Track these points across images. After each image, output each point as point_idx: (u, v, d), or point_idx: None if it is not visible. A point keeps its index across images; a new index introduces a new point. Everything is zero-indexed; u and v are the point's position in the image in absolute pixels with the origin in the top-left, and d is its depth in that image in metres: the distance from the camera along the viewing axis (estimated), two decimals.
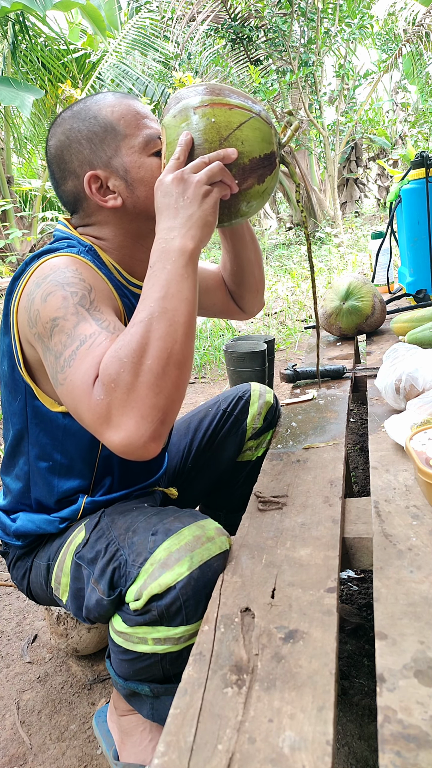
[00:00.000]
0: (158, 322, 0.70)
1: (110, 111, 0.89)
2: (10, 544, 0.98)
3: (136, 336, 0.69)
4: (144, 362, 0.68)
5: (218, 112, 0.80)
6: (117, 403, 0.67)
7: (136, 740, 0.92)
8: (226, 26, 7.91)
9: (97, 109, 0.89)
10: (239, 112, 0.81)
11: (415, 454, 0.77)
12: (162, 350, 0.69)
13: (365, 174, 12.36)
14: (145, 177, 0.89)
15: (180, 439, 1.24)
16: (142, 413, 0.67)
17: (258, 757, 0.48)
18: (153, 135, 0.90)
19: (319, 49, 7.61)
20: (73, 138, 0.88)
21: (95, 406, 0.68)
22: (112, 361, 0.68)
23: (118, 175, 0.88)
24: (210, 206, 0.77)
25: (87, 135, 0.88)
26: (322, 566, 0.72)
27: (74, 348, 0.73)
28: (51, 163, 0.92)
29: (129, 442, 0.67)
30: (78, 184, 0.90)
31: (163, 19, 7.64)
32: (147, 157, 0.89)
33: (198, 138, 0.79)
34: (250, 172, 0.82)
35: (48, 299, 0.77)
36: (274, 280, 6.01)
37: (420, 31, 8.68)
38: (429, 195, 2.03)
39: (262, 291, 1.18)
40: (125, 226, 0.92)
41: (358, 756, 0.91)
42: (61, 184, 0.92)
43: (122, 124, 0.88)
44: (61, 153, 0.90)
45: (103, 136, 0.88)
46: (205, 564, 0.73)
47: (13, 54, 6.35)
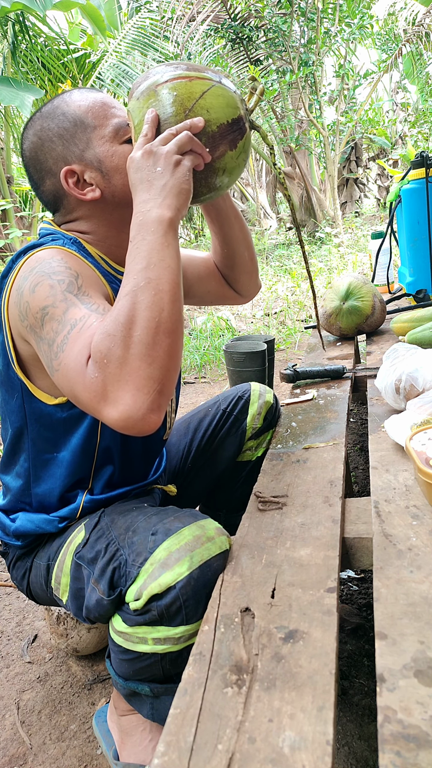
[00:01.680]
0: (143, 293, 0.69)
1: (77, 106, 0.90)
2: (10, 544, 0.98)
3: (123, 309, 0.69)
4: (133, 334, 0.67)
5: (179, 85, 0.80)
6: (111, 378, 0.67)
7: (136, 740, 0.92)
8: (226, 26, 7.91)
9: (65, 107, 0.90)
10: (200, 82, 0.81)
11: (415, 454, 0.77)
12: (150, 320, 0.68)
13: (365, 174, 12.36)
14: (119, 164, 0.90)
15: (180, 439, 1.24)
16: (137, 385, 0.67)
17: (258, 757, 0.48)
18: (122, 123, 0.91)
19: (319, 49, 7.61)
20: (44, 137, 0.90)
21: (90, 384, 0.68)
22: (102, 338, 0.68)
23: (93, 167, 0.90)
24: (183, 174, 0.76)
25: (58, 132, 0.89)
26: (322, 566, 0.72)
27: (66, 333, 0.73)
28: (27, 167, 0.94)
29: (128, 415, 0.67)
30: (56, 182, 0.91)
31: (163, 19, 7.64)
32: (119, 145, 0.90)
33: (163, 114, 0.80)
34: (220, 139, 0.81)
35: (36, 290, 0.78)
36: (274, 280, 6.01)
37: (420, 31, 8.67)
38: (429, 195, 2.03)
39: (256, 271, 1.17)
40: (107, 217, 0.93)
41: (358, 756, 0.91)
42: (40, 185, 0.93)
43: (90, 116, 0.90)
44: (36, 154, 0.91)
45: (74, 131, 0.89)
46: (205, 564, 0.73)
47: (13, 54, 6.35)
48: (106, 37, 7.66)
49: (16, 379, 0.88)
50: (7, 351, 0.88)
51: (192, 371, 3.51)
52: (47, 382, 0.88)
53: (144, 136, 0.78)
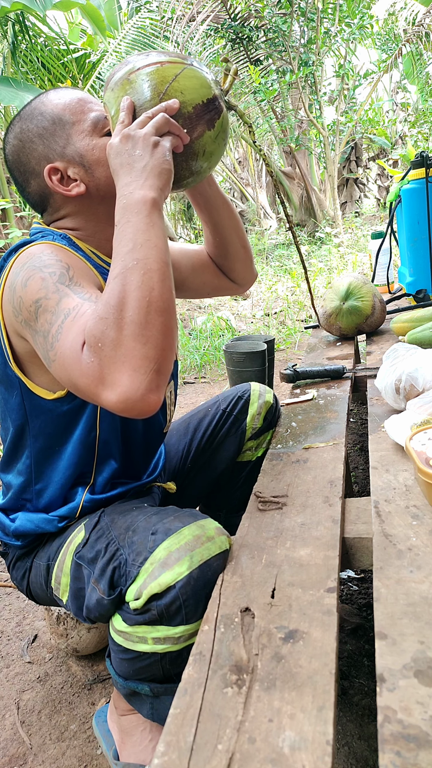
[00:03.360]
0: (132, 273, 0.69)
1: (54, 105, 0.91)
2: (10, 544, 0.98)
3: (113, 291, 0.69)
4: (125, 315, 0.68)
5: (152, 72, 0.81)
6: (107, 360, 0.67)
7: (136, 740, 0.92)
8: (226, 26, 7.91)
9: (43, 106, 0.91)
10: (171, 66, 0.81)
11: (415, 454, 0.77)
12: (141, 299, 0.68)
13: (365, 174, 12.36)
14: (101, 157, 0.90)
15: (179, 439, 1.24)
16: (133, 366, 0.67)
17: (258, 757, 0.48)
18: (99, 116, 0.91)
19: (319, 49, 7.61)
20: (25, 139, 0.91)
21: (86, 368, 0.68)
22: (95, 322, 0.68)
23: (76, 162, 0.90)
24: (162, 154, 0.77)
25: (37, 132, 0.90)
26: (322, 566, 0.72)
27: (60, 323, 0.73)
28: (12, 170, 0.94)
29: (127, 397, 0.66)
30: (40, 181, 0.91)
31: (163, 19, 7.63)
32: (99, 138, 0.90)
33: (138, 100, 0.80)
34: (197, 120, 0.82)
35: (28, 283, 0.78)
36: (275, 280, 6.01)
37: (420, 31, 8.67)
38: (429, 195, 2.03)
39: (251, 259, 1.17)
40: (94, 211, 0.94)
41: (358, 756, 0.91)
42: (25, 187, 0.94)
43: (68, 113, 0.90)
44: (18, 157, 0.92)
45: (53, 128, 0.90)
46: (205, 563, 0.73)
47: (13, 54, 6.35)
48: (106, 37, 7.66)
49: (14, 376, 0.89)
50: (3, 349, 0.88)
51: (192, 371, 3.51)
52: (45, 377, 0.88)
53: (121, 123, 0.79)
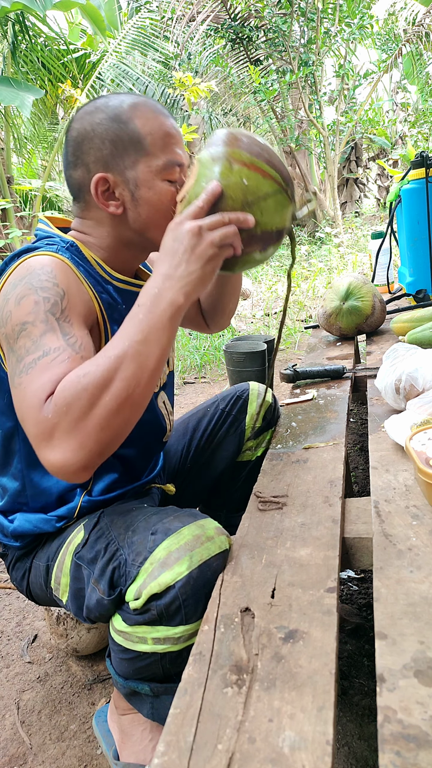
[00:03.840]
0: (129, 363, 0.71)
1: (142, 123, 0.87)
2: (9, 545, 0.98)
3: (103, 369, 0.69)
4: (102, 397, 0.69)
5: (253, 175, 0.80)
6: (63, 426, 0.68)
7: (136, 740, 0.92)
8: (226, 26, 7.91)
9: (131, 116, 0.87)
10: (270, 182, 0.81)
11: (415, 454, 0.77)
12: (123, 390, 0.70)
13: (365, 174, 12.36)
14: (152, 199, 0.89)
15: (179, 439, 1.24)
16: (83, 443, 0.68)
17: (258, 757, 0.48)
18: (174, 162, 0.89)
19: (319, 49, 7.61)
20: (98, 133, 0.87)
21: (42, 422, 0.69)
22: (72, 386, 0.68)
23: (127, 187, 0.88)
24: (211, 269, 0.78)
25: (112, 137, 0.87)
26: (322, 566, 0.72)
27: (36, 357, 0.73)
28: (68, 144, 0.91)
29: (63, 465, 0.68)
30: (86, 177, 0.89)
31: (163, 19, 7.63)
32: (160, 181, 0.89)
33: (225, 192, 0.79)
34: (257, 241, 0.83)
35: (21, 302, 0.78)
36: (275, 280, 6.01)
37: (420, 31, 8.68)
38: (429, 195, 2.03)
39: (233, 313, 1.22)
40: (119, 233, 0.92)
41: (358, 756, 0.91)
42: (70, 167, 0.91)
43: (149, 140, 0.87)
44: (82, 141, 0.88)
45: (128, 145, 0.87)
46: (205, 563, 0.73)
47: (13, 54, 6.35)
48: (106, 37, 7.66)
49: (5, 378, 0.88)
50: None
51: (192, 371, 3.51)
52: None
53: (199, 207, 0.78)
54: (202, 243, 0.76)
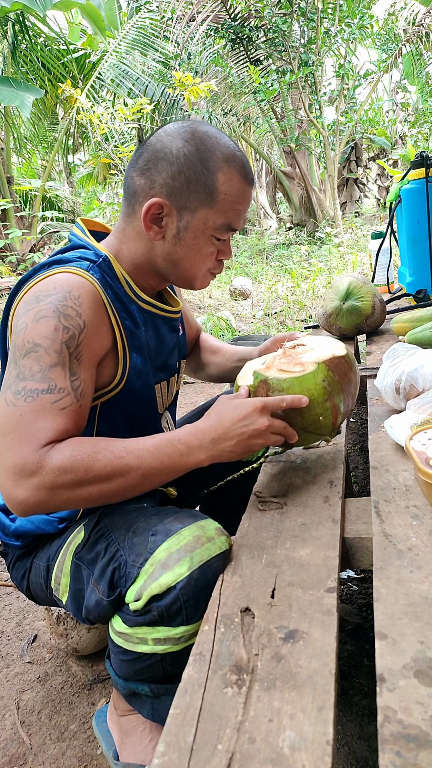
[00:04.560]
0: (134, 477, 0.76)
1: (225, 178, 0.87)
2: (9, 544, 0.98)
3: (112, 468, 0.74)
4: (93, 486, 0.73)
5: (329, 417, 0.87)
6: (46, 482, 0.71)
7: (136, 740, 0.92)
8: (226, 26, 7.91)
9: (219, 165, 0.86)
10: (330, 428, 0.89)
11: (415, 454, 0.77)
12: (112, 491, 0.75)
13: (365, 174, 12.36)
14: (193, 246, 0.90)
15: None
16: (47, 502, 0.72)
17: (258, 757, 0.48)
18: (231, 227, 0.90)
19: (319, 49, 7.61)
20: (181, 163, 0.86)
21: (30, 462, 0.71)
22: (79, 459, 0.72)
23: (177, 224, 0.88)
24: (244, 454, 0.83)
25: (191, 176, 0.86)
26: (322, 566, 0.72)
27: (39, 388, 0.75)
28: (146, 149, 0.89)
29: (19, 503, 0.72)
30: (146, 192, 0.88)
31: (163, 19, 7.63)
32: (209, 236, 0.89)
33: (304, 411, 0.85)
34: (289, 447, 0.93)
35: (40, 321, 0.78)
36: (275, 280, 6.01)
37: (420, 31, 8.68)
38: (429, 195, 2.03)
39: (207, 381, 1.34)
40: (152, 256, 0.92)
41: (358, 756, 0.91)
42: (137, 171, 0.89)
43: (222, 198, 0.87)
44: (161, 158, 0.87)
45: (200, 190, 0.86)
46: (205, 564, 0.73)
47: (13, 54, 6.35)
48: (106, 37, 7.66)
49: None
50: (6, 349, 0.88)
51: None
52: None
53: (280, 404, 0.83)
54: (257, 439, 0.82)
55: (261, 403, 0.82)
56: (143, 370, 0.94)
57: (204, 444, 0.80)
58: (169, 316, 1.02)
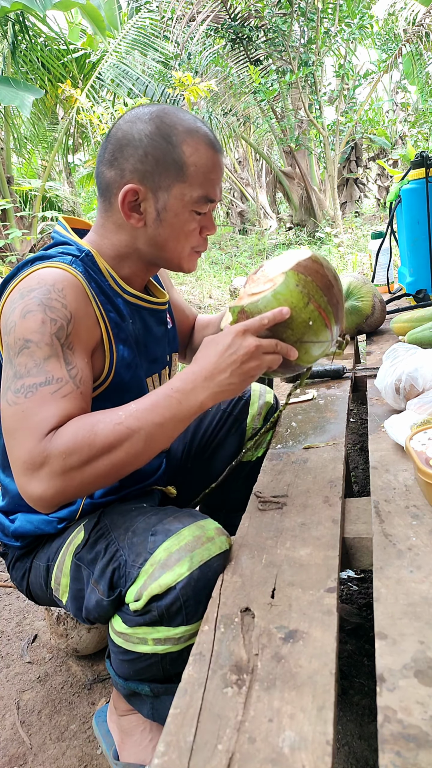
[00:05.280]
0: (138, 440, 0.74)
1: (191, 150, 0.86)
2: (9, 544, 0.98)
3: (114, 436, 0.72)
4: (101, 459, 0.72)
5: (319, 321, 0.84)
6: (55, 468, 0.70)
7: (136, 740, 0.92)
8: (226, 26, 7.91)
9: (182, 140, 0.86)
10: (328, 333, 0.86)
11: (415, 454, 0.77)
12: (122, 460, 0.74)
13: (365, 174, 12.36)
14: (175, 225, 0.89)
15: (179, 439, 1.24)
16: (65, 488, 0.71)
17: (258, 757, 0.48)
18: (208, 198, 0.89)
19: (319, 49, 7.61)
20: (144, 144, 0.85)
21: (37, 453, 0.71)
22: (80, 436, 0.71)
23: (155, 206, 0.87)
24: (245, 384, 0.81)
25: (157, 155, 0.85)
26: (322, 566, 0.72)
27: (38, 382, 0.75)
28: (109, 141, 0.89)
29: (39, 499, 0.72)
30: (118, 182, 0.87)
31: (163, 19, 7.63)
32: (188, 211, 0.88)
33: (290, 322, 0.82)
34: (285, 368, 0.88)
35: (27, 317, 0.77)
36: None
37: (420, 31, 8.67)
38: (429, 195, 2.03)
39: None
40: (136, 245, 0.92)
41: (358, 756, 0.91)
42: (105, 165, 0.89)
43: (192, 170, 0.86)
44: (125, 145, 0.86)
45: (170, 166, 0.86)
46: (205, 564, 0.73)
47: (13, 54, 6.35)
48: (106, 37, 7.66)
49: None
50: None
51: None
52: None
53: (262, 323, 0.80)
54: (251, 362, 0.79)
55: (241, 326, 0.80)
56: (132, 362, 0.93)
57: (198, 385, 0.78)
58: (156, 308, 1.01)
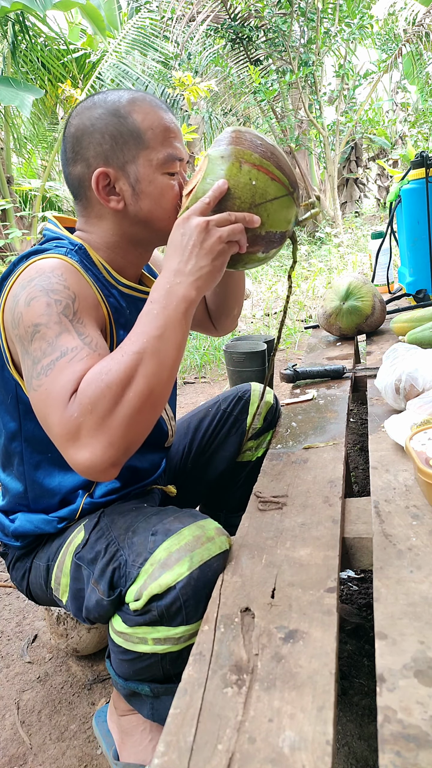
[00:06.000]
0: (149, 360, 0.72)
1: (142, 117, 0.87)
2: (9, 544, 0.98)
3: (125, 366, 0.70)
4: (126, 394, 0.70)
5: (261, 177, 0.81)
6: (89, 425, 0.69)
7: (136, 740, 0.92)
8: (226, 26, 7.91)
9: (130, 110, 0.87)
10: (278, 185, 0.82)
11: (415, 454, 0.77)
12: (146, 387, 0.71)
13: (365, 174, 12.36)
14: (153, 193, 0.88)
15: (180, 439, 1.24)
16: (110, 441, 0.69)
17: (258, 757, 0.48)
18: (174, 156, 0.89)
19: (319, 49, 7.61)
20: (98, 128, 0.87)
21: (67, 421, 0.69)
22: (95, 383, 0.69)
23: (128, 181, 0.88)
24: (220, 263, 0.79)
25: (112, 131, 0.86)
26: (322, 566, 0.72)
27: (54, 358, 0.74)
28: (66, 141, 0.91)
29: (91, 464, 0.69)
30: (87, 172, 0.88)
31: (163, 19, 7.63)
32: (161, 175, 0.88)
33: (233, 191, 0.80)
34: (260, 241, 0.84)
35: (32, 304, 0.77)
36: (275, 279, 6.01)
37: (420, 31, 8.67)
38: (429, 195, 2.03)
39: (238, 315, 1.22)
40: (121, 229, 0.92)
41: (358, 756, 0.91)
42: (70, 164, 0.91)
43: (149, 134, 0.87)
44: (81, 136, 0.88)
45: (128, 138, 0.87)
46: (205, 564, 0.73)
47: (13, 54, 6.35)
48: (106, 37, 7.65)
49: (11, 379, 0.88)
50: (2, 353, 0.87)
51: (192, 371, 3.51)
52: None
53: (206, 203, 0.78)
54: (210, 238, 0.77)
55: (185, 214, 0.80)
56: None
57: (173, 282, 0.76)
58: None
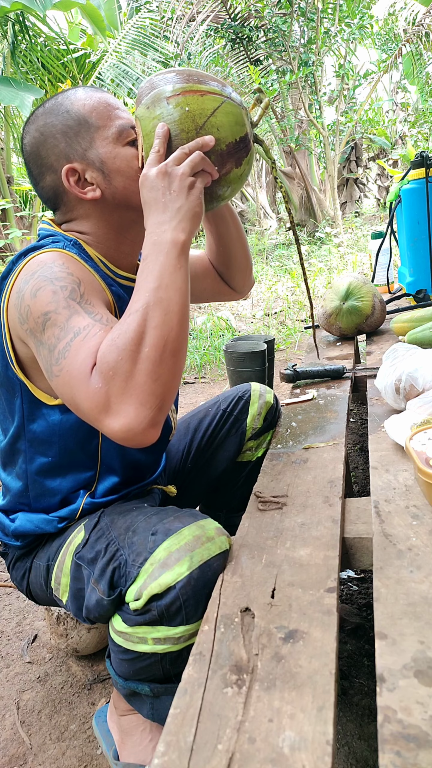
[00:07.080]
0: (154, 311, 0.71)
1: (82, 105, 0.89)
2: (9, 544, 0.98)
3: (133, 324, 0.70)
4: (142, 350, 0.69)
5: (191, 100, 0.80)
6: (116, 390, 0.68)
7: (136, 740, 0.92)
8: (226, 26, 7.91)
9: (69, 104, 0.90)
10: (211, 98, 0.81)
11: (415, 454, 0.77)
12: (159, 338, 0.70)
13: (365, 174, 12.36)
14: (121, 167, 0.89)
15: (180, 439, 1.24)
16: (141, 400, 0.68)
17: (258, 757, 0.48)
18: (125, 125, 0.90)
19: (319, 49, 7.61)
20: (48, 133, 0.89)
21: (93, 394, 0.69)
22: (110, 350, 0.69)
23: (95, 167, 0.89)
24: (196, 197, 0.78)
25: (61, 129, 0.89)
26: (322, 566, 0.72)
27: (68, 340, 0.74)
28: (28, 162, 0.93)
29: (129, 428, 0.68)
30: (56, 178, 0.90)
31: (163, 19, 7.63)
32: (121, 147, 0.90)
33: (174, 128, 0.80)
34: (228, 157, 0.83)
35: (38, 294, 0.78)
36: (275, 279, 6.01)
37: (420, 31, 8.67)
38: (429, 195, 2.03)
39: (251, 268, 1.20)
40: (107, 218, 0.93)
41: (358, 756, 0.91)
42: (39, 180, 0.93)
43: (94, 116, 0.89)
44: (37, 149, 0.91)
45: (77, 129, 0.88)
46: (205, 564, 0.73)
47: (13, 54, 6.34)
48: (106, 37, 7.65)
49: (16, 379, 0.88)
50: (6, 352, 0.87)
51: (192, 371, 3.51)
52: (47, 383, 0.88)
53: (156, 152, 0.79)
54: (174, 179, 0.77)
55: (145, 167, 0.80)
56: None
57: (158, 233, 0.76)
58: None
